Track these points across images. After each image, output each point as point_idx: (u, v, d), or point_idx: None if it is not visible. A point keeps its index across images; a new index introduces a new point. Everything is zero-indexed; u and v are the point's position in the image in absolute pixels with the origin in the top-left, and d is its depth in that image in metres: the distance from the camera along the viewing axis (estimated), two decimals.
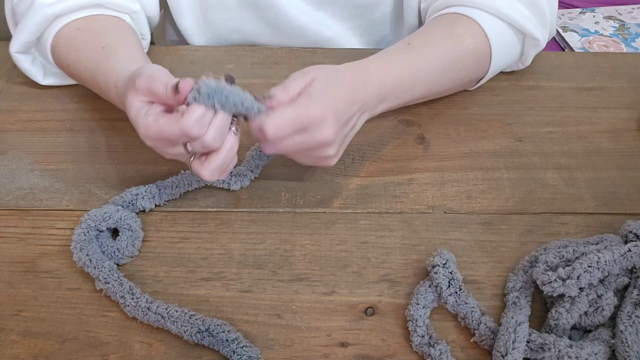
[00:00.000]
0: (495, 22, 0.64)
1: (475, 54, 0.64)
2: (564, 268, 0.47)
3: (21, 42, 0.65)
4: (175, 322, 0.47)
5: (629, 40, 1.13)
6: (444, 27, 0.64)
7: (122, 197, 0.56)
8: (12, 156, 0.63)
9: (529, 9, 0.64)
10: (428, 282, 0.50)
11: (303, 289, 0.51)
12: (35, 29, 0.64)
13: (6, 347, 0.47)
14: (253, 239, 0.55)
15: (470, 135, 0.65)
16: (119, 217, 0.54)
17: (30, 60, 0.68)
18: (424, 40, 0.62)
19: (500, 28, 0.64)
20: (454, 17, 0.64)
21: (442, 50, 0.61)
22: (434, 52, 0.61)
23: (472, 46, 0.63)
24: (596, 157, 0.63)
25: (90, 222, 0.53)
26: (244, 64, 0.74)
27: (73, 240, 0.52)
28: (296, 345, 0.48)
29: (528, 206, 0.58)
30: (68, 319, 0.49)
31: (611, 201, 0.58)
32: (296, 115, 0.49)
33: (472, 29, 0.63)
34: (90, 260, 0.51)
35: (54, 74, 0.69)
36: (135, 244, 0.53)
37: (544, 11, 0.65)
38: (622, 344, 0.45)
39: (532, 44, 0.67)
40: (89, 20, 0.64)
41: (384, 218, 0.57)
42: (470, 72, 0.66)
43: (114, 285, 0.50)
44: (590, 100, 0.69)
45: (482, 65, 0.66)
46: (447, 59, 0.62)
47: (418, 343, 0.47)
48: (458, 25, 0.63)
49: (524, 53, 0.68)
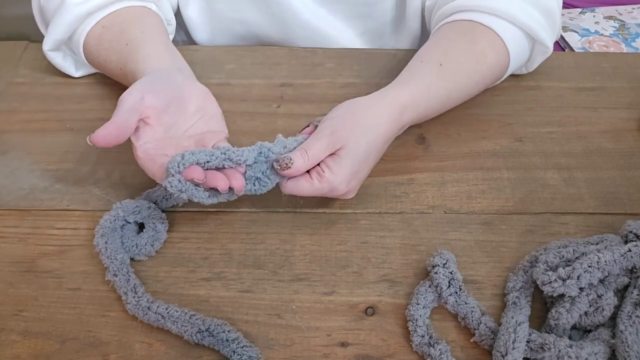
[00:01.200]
0: (512, 30, 0.63)
1: (496, 68, 0.64)
2: (564, 268, 0.47)
3: (53, 40, 0.66)
4: (176, 322, 0.47)
5: (629, 40, 1.13)
6: (467, 43, 0.63)
7: (154, 192, 0.56)
8: (12, 156, 0.63)
9: (542, 15, 0.64)
10: (428, 282, 0.50)
11: (303, 289, 0.51)
12: (67, 28, 0.65)
13: (6, 347, 0.47)
14: (253, 239, 0.55)
15: (470, 135, 0.65)
16: (148, 214, 0.54)
17: (61, 56, 0.70)
18: (454, 62, 0.61)
19: (517, 36, 0.64)
20: (472, 27, 0.63)
21: (470, 72, 0.62)
22: (462, 76, 0.62)
23: (494, 60, 0.63)
24: (596, 157, 0.63)
25: (120, 212, 0.53)
26: (244, 64, 0.74)
27: (99, 225, 0.53)
28: (296, 345, 0.48)
29: (528, 206, 0.58)
30: (68, 319, 0.49)
31: (611, 201, 0.58)
32: (316, 191, 0.51)
33: (494, 42, 0.63)
34: (107, 249, 0.51)
35: (85, 65, 0.70)
36: (154, 244, 0.53)
37: (556, 18, 0.65)
38: (622, 344, 0.45)
39: (541, 50, 0.67)
40: (115, 16, 0.65)
41: (384, 218, 0.57)
42: (489, 85, 0.67)
43: (120, 279, 0.50)
44: (590, 100, 0.69)
45: (500, 77, 0.67)
46: (473, 80, 0.63)
47: (418, 343, 0.47)
48: (480, 39, 0.63)
49: (530, 59, 0.68)
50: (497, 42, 0.63)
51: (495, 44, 0.63)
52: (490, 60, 0.63)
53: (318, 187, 0.51)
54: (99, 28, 0.65)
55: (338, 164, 0.51)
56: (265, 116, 0.67)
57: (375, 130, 0.54)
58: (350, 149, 0.51)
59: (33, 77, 0.71)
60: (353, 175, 0.52)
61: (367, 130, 0.53)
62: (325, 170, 0.51)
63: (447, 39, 0.64)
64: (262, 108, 0.68)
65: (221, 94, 0.69)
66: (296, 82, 0.71)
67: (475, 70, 0.62)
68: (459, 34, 0.64)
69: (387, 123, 0.55)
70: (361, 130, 0.53)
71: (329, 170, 0.51)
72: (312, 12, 0.77)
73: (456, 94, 0.62)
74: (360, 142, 0.52)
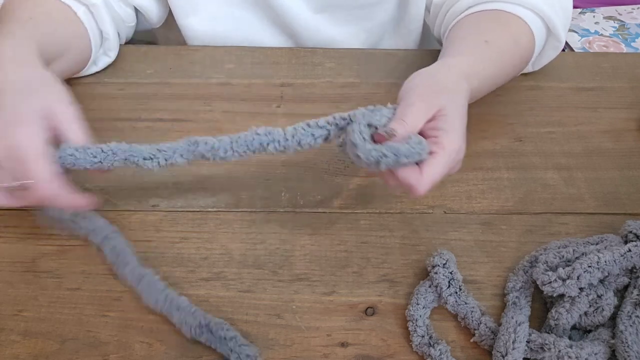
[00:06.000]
0: (536, 20, 0.64)
1: (528, 53, 0.65)
2: (564, 268, 0.47)
3: None
4: (180, 309, 0.48)
5: (629, 40, 1.13)
6: (501, 26, 0.63)
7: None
8: None
9: (562, 10, 0.65)
10: (428, 282, 0.50)
11: (303, 289, 0.51)
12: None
13: (6, 347, 0.47)
14: (253, 239, 0.55)
15: (470, 135, 0.64)
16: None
17: None
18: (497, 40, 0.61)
19: (539, 26, 0.64)
20: (500, 15, 0.63)
21: (512, 52, 0.62)
22: (507, 55, 0.62)
23: (526, 45, 0.64)
24: (596, 157, 0.63)
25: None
26: (244, 64, 0.74)
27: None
28: (296, 345, 0.48)
29: (528, 206, 0.58)
30: (68, 319, 0.49)
31: (611, 201, 0.58)
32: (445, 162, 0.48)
33: (523, 28, 0.63)
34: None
35: None
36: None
37: (569, 15, 0.66)
38: (622, 344, 0.45)
39: (553, 45, 0.67)
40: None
41: (384, 218, 0.57)
42: (520, 71, 0.67)
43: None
44: (590, 100, 0.69)
45: (527, 64, 0.67)
46: (515, 61, 0.63)
47: (418, 343, 0.47)
48: (512, 25, 0.63)
49: (541, 54, 0.69)
50: (526, 29, 0.63)
51: (525, 30, 0.63)
52: (524, 44, 0.63)
53: (443, 156, 0.47)
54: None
55: (445, 121, 0.48)
56: (265, 116, 0.67)
57: (457, 91, 0.52)
58: (448, 108, 0.49)
59: None
60: (463, 133, 0.50)
61: (452, 91, 0.52)
62: (438, 135, 0.48)
63: (481, 22, 0.64)
64: (262, 108, 0.68)
65: (221, 94, 0.69)
66: (296, 82, 0.71)
67: (515, 52, 0.63)
68: (489, 20, 0.64)
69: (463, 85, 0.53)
70: (448, 90, 0.51)
71: (443, 132, 0.48)
72: (310, 18, 0.77)
73: (502, 72, 0.62)
74: (453, 100, 0.50)
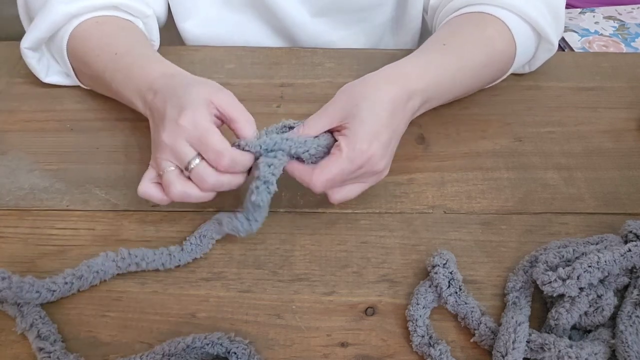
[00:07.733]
0: (520, 23, 0.64)
1: (504, 56, 0.64)
2: (564, 268, 0.47)
3: (35, 38, 0.64)
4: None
5: (629, 40, 1.13)
6: (475, 27, 0.63)
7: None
8: (12, 156, 0.63)
9: (549, 11, 0.64)
10: (428, 282, 0.50)
11: (303, 289, 0.51)
12: (50, 27, 0.63)
13: (6, 347, 0.47)
14: (253, 239, 0.55)
15: (470, 135, 0.65)
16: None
17: (37, 57, 0.68)
18: (459, 41, 0.61)
19: (524, 30, 0.64)
20: (481, 17, 0.64)
21: (477, 52, 0.62)
22: (468, 54, 0.61)
23: (501, 47, 0.63)
24: (596, 157, 0.63)
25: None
26: (244, 64, 0.74)
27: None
28: (296, 345, 0.48)
29: (528, 206, 0.58)
30: (68, 319, 0.49)
31: (611, 201, 0.58)
32: (341, 168, 0.50)
33: (501, 31, 0.63)
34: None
35: (58, 72, 0.69)
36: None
37: (561, 16, 0.65)
38: (622, 344, 0.45)
39: (546, 48, 0.67)
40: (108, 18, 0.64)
41: (384, 218, 0.57)
42: (497, 73, 0.66)
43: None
44: (590, 100, 0.69)
45: (507, 67, 0.66)
46: (481, 61, 0.62)
47: (418, 343, 0.47)
48: (488, 26, 0.63)
49: (535, 56, 0.68)
50: (505, 31, 0.63)
51: (503, 33, 0.63)
52: (497, 46, 0.63)
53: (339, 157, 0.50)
54: (91, 23, 0.63)
55: (349, 129, 0.50)
56: (265, 116, 0.67)
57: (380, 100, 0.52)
58: (361, 116, 0.50)
59: (33, 77, 0.71)
60: (374, 136, 0.50)
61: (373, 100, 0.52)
62: (339, 140, 0.51)
63: (455, 24, 0.65)
64: (262, 108, 0.68)
65: None
66: (296, 82, 0.71)
67: (483, 53, 0.62)
68: (467, 22, 0.64)
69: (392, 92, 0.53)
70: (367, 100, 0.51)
71: (343, 137, 0.50)
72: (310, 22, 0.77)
73: (469, 72, 0.61)
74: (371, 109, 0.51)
